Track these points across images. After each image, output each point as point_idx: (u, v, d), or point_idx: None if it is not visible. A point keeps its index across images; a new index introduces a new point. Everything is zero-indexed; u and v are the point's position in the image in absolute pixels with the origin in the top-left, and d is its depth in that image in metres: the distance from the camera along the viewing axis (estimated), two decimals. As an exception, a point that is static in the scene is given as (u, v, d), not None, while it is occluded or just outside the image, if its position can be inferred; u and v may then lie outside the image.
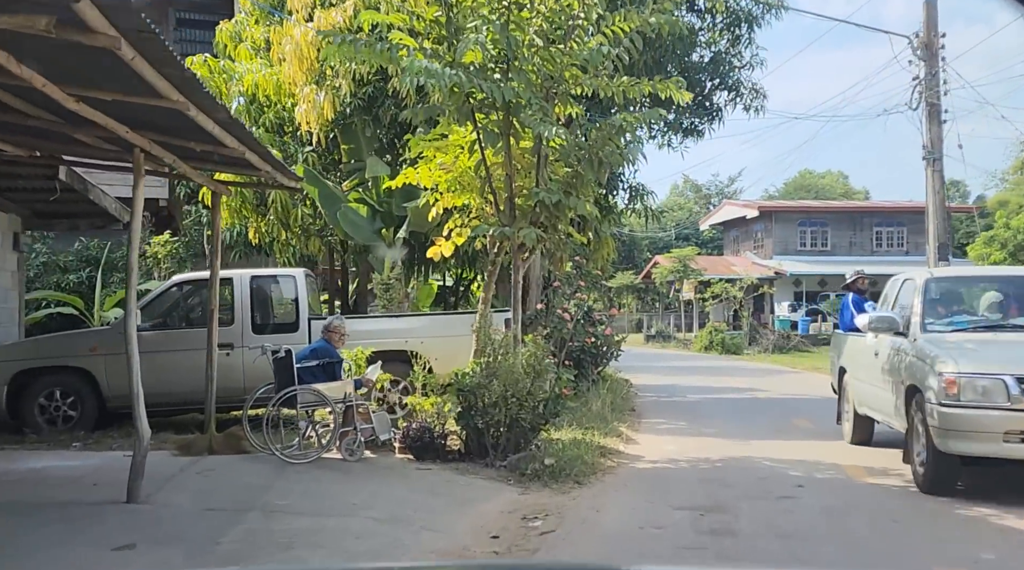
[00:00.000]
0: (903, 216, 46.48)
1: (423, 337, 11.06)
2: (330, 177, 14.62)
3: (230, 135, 6.57)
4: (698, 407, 15.66)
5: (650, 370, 24.64)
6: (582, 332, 14.21)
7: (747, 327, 38.00)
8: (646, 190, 17.11)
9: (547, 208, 8.81)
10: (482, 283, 15.97)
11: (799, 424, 12.86)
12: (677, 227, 64.08)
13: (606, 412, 12.79)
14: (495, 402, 8.72)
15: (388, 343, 10.83)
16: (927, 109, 20.04)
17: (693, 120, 17.66)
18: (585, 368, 14.21)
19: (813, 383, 20.51)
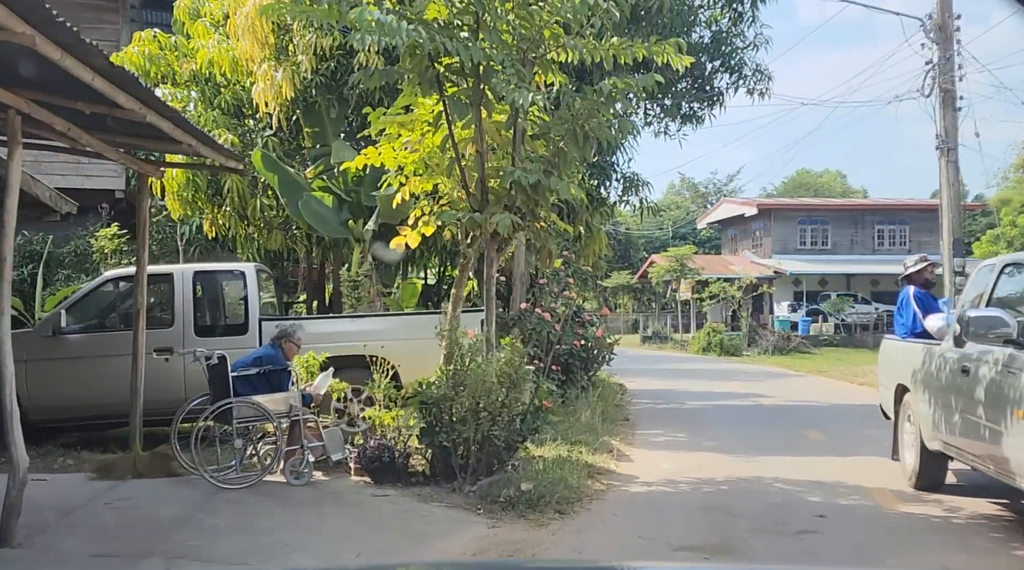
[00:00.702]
0: (906, 214, 45.38)
1: (386, 340, 9.78)
2: (294, 163, 13.32)
3: (122, 92, 5.30)
4: (698, 416, 14.39)
5: (646, 373, 23.37)
6: (570, 334, 12.93)
7: (746, 328, 36.76)
8: (641, 180, 15.84)
9: (524, 191, 7.53)
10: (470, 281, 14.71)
11: (811, 437, 11.60)
12: (674, 226, 62.88)
13: (596, 423, 11.54)
14: (463, 417, 7.45)
15: (344, 347, 9.54)
16: (941, 96, 18.80)
17: (692, 105, 16.39)
18: (574, 373, 12.94)
19: (820, 388, 19.27)
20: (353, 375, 9.28)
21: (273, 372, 7.97)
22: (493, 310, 8.34)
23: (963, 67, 18.77)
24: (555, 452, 9.19)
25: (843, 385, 19.99)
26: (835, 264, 42.57)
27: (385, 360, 9.40)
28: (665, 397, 17.17)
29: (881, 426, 12.48)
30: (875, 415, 14.34)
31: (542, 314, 10.91)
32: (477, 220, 7.66)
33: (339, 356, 9.31)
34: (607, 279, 54.01)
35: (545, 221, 8.29)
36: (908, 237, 44.64)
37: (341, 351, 9.42)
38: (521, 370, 7.67)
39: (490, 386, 7.54)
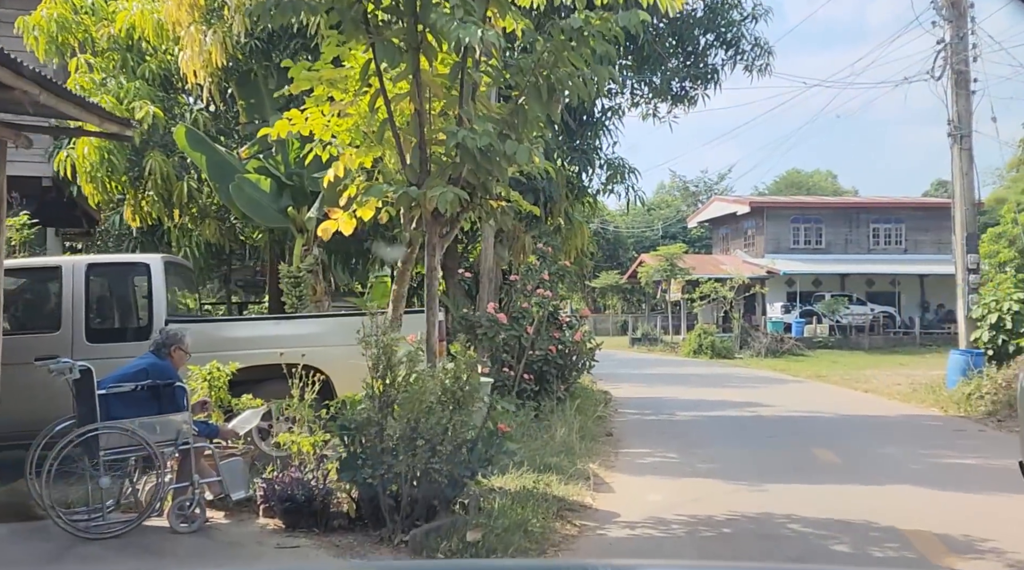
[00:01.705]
0: (901, 212, 44.05)
1: (314, 346, 8.13)
2: (231, 142, 11.67)
3: None
4: (690, 429, 12.78)
5: (634, 379, 21.78)
6: (546, 338, 11.32)
7: (738, 329, 35.24)
8: (628, 166, 14.24)
9: (472, 157, 5.90)
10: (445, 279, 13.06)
11: (822, 457, 10.00)
12: (664, 225, 61.39)
13: (573, 441, 9.94)
14: (395, 446, 5.82)
15: (264, 355, 7.89)
16: (953, 78, 17.26)
17: (683, 84, 14.81)
18: (549, 383, 11.33)
19: (821, 396, 17.72)
20: (276, 389, 7.62)
21: (159, 388, 6.31)
22: (435, 311, 6.70)
23: (977, 47, 17.25)
24: (519, 483, 7.57)
25: (846, 392, 18.42)
26: (829, 264, 41.13)
27: (317, 370, 7.81)
28: (654, 406, 15.56)
29: (899, 444, 10.95)
30: (887, 429, 12.87)
31: (495, 315, 9.22)
32: (412, 195, 6.02)
33: (257, 366, 7.68)
34: (595, 279, 52.60)
35: (502, 198, 6.65)
36: (904, 236, 43.35)
37: (259, 359, 7.78)
38: (468, 388, 6.02)
39: (429, 406, 5.91)
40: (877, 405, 15.72)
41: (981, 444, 10.97)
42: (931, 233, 43.68)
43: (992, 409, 13.57)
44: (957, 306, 17.55)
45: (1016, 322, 16.27)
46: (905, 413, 14.32)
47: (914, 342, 37.34)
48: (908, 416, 13.91)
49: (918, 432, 12.17)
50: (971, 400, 14.23)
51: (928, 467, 9.29)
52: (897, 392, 17.33)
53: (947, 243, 44.12)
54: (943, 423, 13.06)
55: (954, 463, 9.59)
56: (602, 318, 56.12)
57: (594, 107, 14.00)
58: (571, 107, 13.77)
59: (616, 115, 14.31)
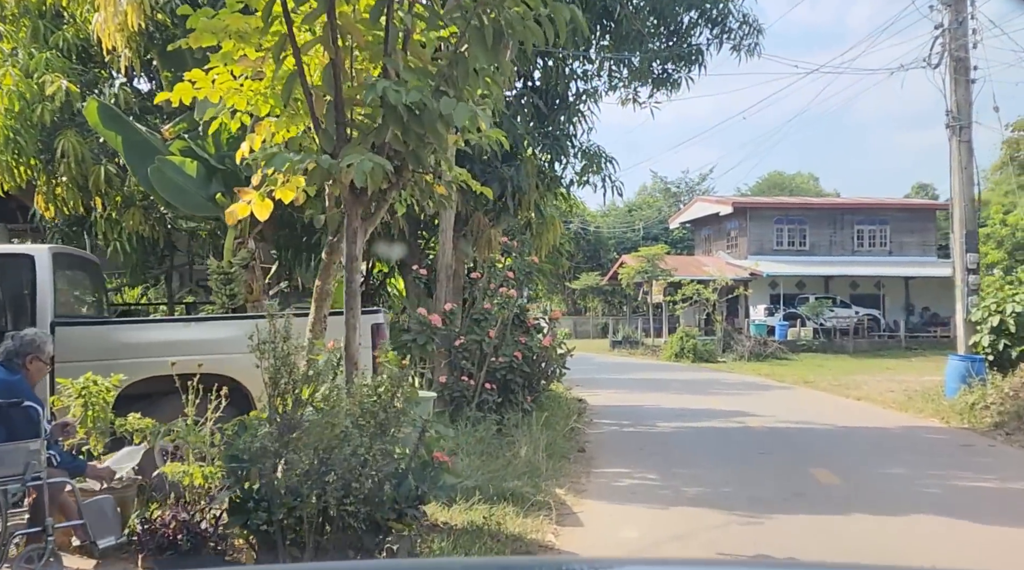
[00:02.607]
0: (886, 213, 43.32)
1: (234, 352, 6.85)
2: (157, 120, 10.38)
3: None
4: (672, 444, 11.58)
5: (613, 385, 20.62)
6: (511, 343, 10.09)
7: (721, 332, 34.23)
8: (604, 154, 13.04)
9: (398, 117, 4.67)
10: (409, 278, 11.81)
11: (822, 479, 8.81)
12: (645, 226, 60.35)
13: (539, 460, 8.72)
14: (297, 483, 4.57)
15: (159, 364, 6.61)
16: (952, 65, 16.19)
17: (665, 66, 13.63)
18: (514, 393, 10.10)
19: (811, 404, 16.58)
20: (175, 406, 6.34)
21: (3, 409, 5.02)
22: (357, 311, 5.43)
23: (977, 32, 16.19)
24: (467, 517, 6.35)
25: (837, 400, 17.30)
26: (813, 265, 40.20)
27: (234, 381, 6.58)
28: (633, 416, 14.36)
29: (904, 462, 9.80)
30: (888, 444, 11.61)
31: (427, 316, 7.90)
32: (323, 165, 4.77)
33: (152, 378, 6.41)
34: (575, 280, 51.43)
35: (438, 171, 5.41)
36: (888, 238, 42.61)
37: (155, 370, 6.50)
38: (393, 409, 4.78)
39: (344, 432, 4.67)
40: (872, 415, 14.59)
41: (995, 462, 9.84)
42: (916, 235, 42.94)
43: (999, 421, 12.46)
44: (956, 309, 16.46)
45: (1019, 326, 15.20)
46: (904, 424, 13.18)
47: (899, 345, 36.56)
48: (908, 428, 12.77)
49: (922, 447, 11.03)
50: (975, 411, 13.11)
51: (944, 491, 8.14)
52: (892, 400, 16.22)
53: (932, 245, 43.85)
54: (948, 436, 11.93)
55: (971, 486, 8.45)
56: (582, 320, 54.99)
57: (567, 89, 12.82)
58: (541, 89, 12.60)
59: (592, 99, 13.12)
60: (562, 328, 49.72)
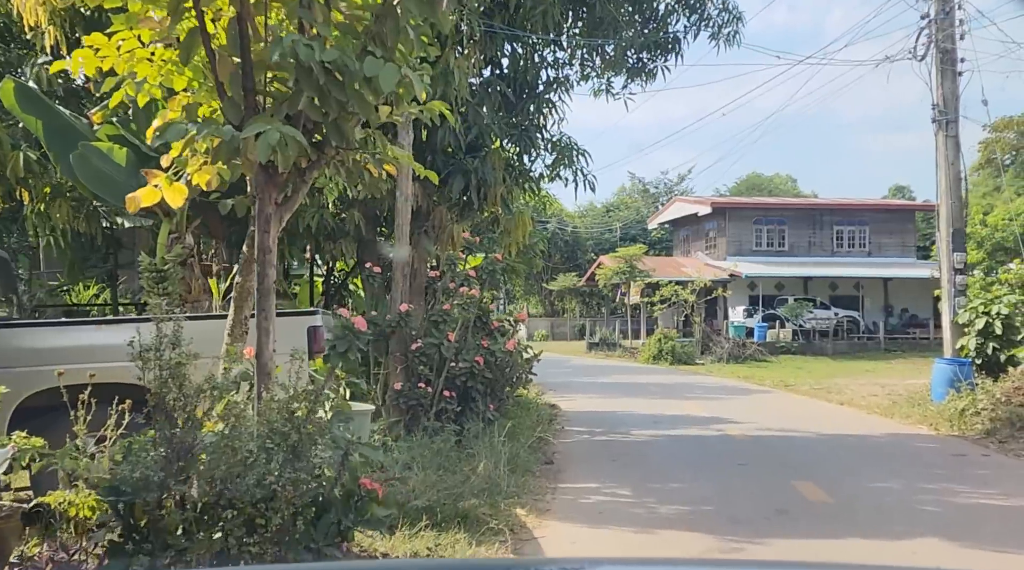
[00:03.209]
0: (865, 214, 42.99)
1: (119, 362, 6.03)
2: (86, 104, 9.53)
3: None
4: (647, 454, 10.84)
5: (588, 389, 19.88)
6: (472, 347, 9.31)
7: (699, 334, 33.65)
8: (576, 146, 12.29)
9: (314, 81, 3.90)
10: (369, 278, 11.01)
11: (808, 494, 8.09)
12: (623, 227, 59.77)
13: (500, 476, 7.95)
14: (188, 519, 3.78)
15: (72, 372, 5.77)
16: (939, 57, 15.59)
17: (640, 55, 12.91)
18: (475, 401, 9.31)
19: (793, 409, 15.93)
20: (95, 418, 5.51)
21: None
22: (271, 312, 4.63)
23: (964, 23, 15.60)
24: (411, 546, 5.57)
25: (819, 404, 16.66)
26: (792, 266, 39.72)
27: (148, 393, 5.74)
28: (607, 423, 13.63)
29: (895, 474, 9.11)
30: (876, 454, 10.72)
31: (350, 318, 7.01)
32: (225, 137, 3.98)
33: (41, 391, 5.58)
34: (553, 281, 50.69)
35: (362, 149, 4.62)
36: (868, 238, 42.30)
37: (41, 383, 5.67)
38: (308, 430, 4.00)
39: (249, 457, 3.88)
40: (857, 421, 13.94)
41: (992, 474, 9.17)
42: (895, 236, 42.61)
43: (990, 428, 11.83)
44: (942, 310, 15.85)
45: (1007, 328, 14.62)
46: (891, 432, 12.52)
47: (878, 347, 36.20)
48: (896, 436, 12.11)
49: (913, 457, 10.36)
50: (965, 417, 12.48)
51: (942, 509, 7.44)
52: (876, 405, 15.60)
53: (911, 246, 43.52)
54: (938, 445, 11.27)
55: (971, 503, 7.76)
56: (560, 322, 54.28)
57: (537, 78, 12.06)
58: (509, 77, 11.84)
59: (563, 88, 12.36)
60: (539, 330, 49.11)
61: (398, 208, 9.75)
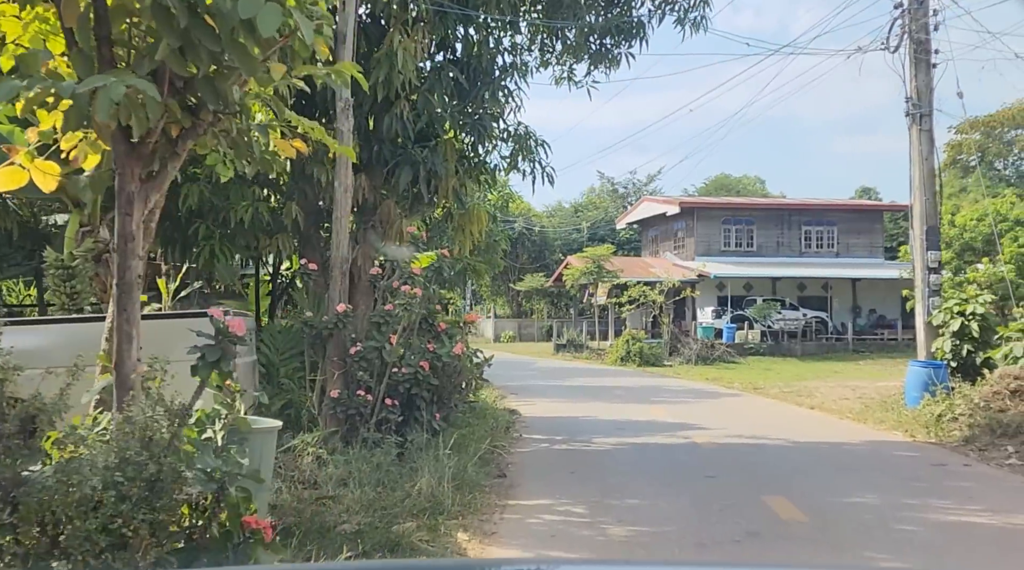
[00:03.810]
0: (834, 214, 42.79)
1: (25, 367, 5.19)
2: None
3: None
4: (609, 464, 10.12)
5: (551, 392, 19.15)
6: (417, 351, 8.53)
7: (667, 335, 33.08)
8: (535, 137, 11.55)
9: (173, 24, 3.11)
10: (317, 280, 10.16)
11: (780, 512, 7.40)
12: (591, 227, 59.21)
13: (444, 494, 7.19)
14: None
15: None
16: (912, 48, 15.06)
17: (604, 41, 12.21)
18: (420, 410, 8.52)
19: (763, 413, 15.31)
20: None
21: None
22: (135, 313, 3.84)
23: (939, 13, 15.07)
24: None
25: (790, 409, 16.06)
26: (761, 266, 39.36)
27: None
28: (569, 430, 12.89)
29: (874, 487, 8.43)
30: (852, 464, 9.86)
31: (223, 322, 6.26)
32: (64, 94, 3.18)
33: None
34: (520, 282, 49.95)
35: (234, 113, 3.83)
36: (836, 239, 42.10)
37: None
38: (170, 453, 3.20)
39: (92, 496, 3.08)
40: (829, 427, 13.33)
41: (976, 487, 8.55)
42: (863, 236, 42.43)
43: (969, 435, 11.25)
44: (916, 311, 15.30)
45: (983, 330, 14.10)
46: (866, 439, 11.91)
47: (846, 348, 35.95)
48: (871, 443, 11.50)
49: (890, 467, 9.73)
50: (942, 423, 11.91)
51: (927, 529, 6.78)
52: (848, 409, 15.02)
53: (879, 246, 43.30)
54: (917, 454, 10.66)
55: (958, 522, 7.10)
56: (527, 323, 53.57)
57: (493, 63, 11.31)
58: (462, 62, 11.08)
59: (521, 75, 11.61)
60: (506, 331, 48.37)
61: (336, 199, 8.95)
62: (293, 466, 7.91)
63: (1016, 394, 11.60)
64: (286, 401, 9.64)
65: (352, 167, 10.53)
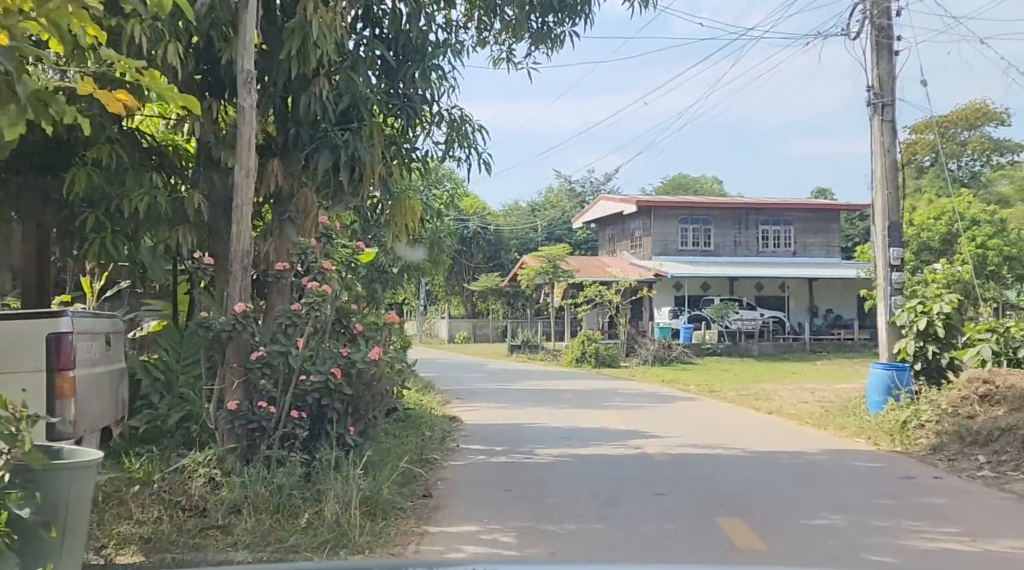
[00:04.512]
0: (791, 213, 42.51)
1: None
2: None
3: None
4: (549, 480, 9.17)
5: (499, 397, 18.21)
6: (329, 356, 7.49)
7: (624, 336, 32.36)
8: (471, 122, 10.56)
9: None
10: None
11: (735, 536, 6.50)
12: (550, 227, 58.41)
13: (350, 522, 6.21)
14: None
15: None
16: (874, 34, 14.36)
17: (546, 18, 11.26)
18: (332, 423, 7.46)
19: (718, 418, 14.51)
20: None
21: None
22: None
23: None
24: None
25: (746, 414, 15.29)
26: (718, 266, 38.87)
27: None
28: (511, 439, 11.94)
29: (838, 506, 7.52)
30: (813, 478, 9.06)
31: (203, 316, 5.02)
32: None
33: None
34: (475, 282, 48.90)
35: None
36: (793, 238, 41.83)
37: None
38: None
39: None
40: (788, 434, 12.54)
41: (951, 504, 7.74)
42: (820, 235, 42.17)
43: (936, 443, 10.50)
44: (878, 310, 14.60)
45: (948, 330, 13.40)
46: (828, 447, 11.12)
47: (804, 348, 35.62)
48: (833, 453, 10.70)
49: (856, 482, 8.91)
50: (908, 430, 11.16)
51: (904, 557, 5.93)
52: (808, 414, 14.25)
53: (836, 246, 43.03)
54: (883, 465, 9.86)
55: (938, 548, 6.25)
56: (482, 324, 52.61)
57: (424, 40, 10.29)
58: (389, 38, 10.05)
59: (455, 53, 10.62)
60: (460, 332, 47.41)
61: (237, 184, 7.88)
62: (180, 490, 6.87)
63: (985, 399, 10.88)
64: (185, 413, 8.57)
65: (264, 151, 9.50)
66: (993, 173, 55.32)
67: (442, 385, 20.20)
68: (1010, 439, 9.75)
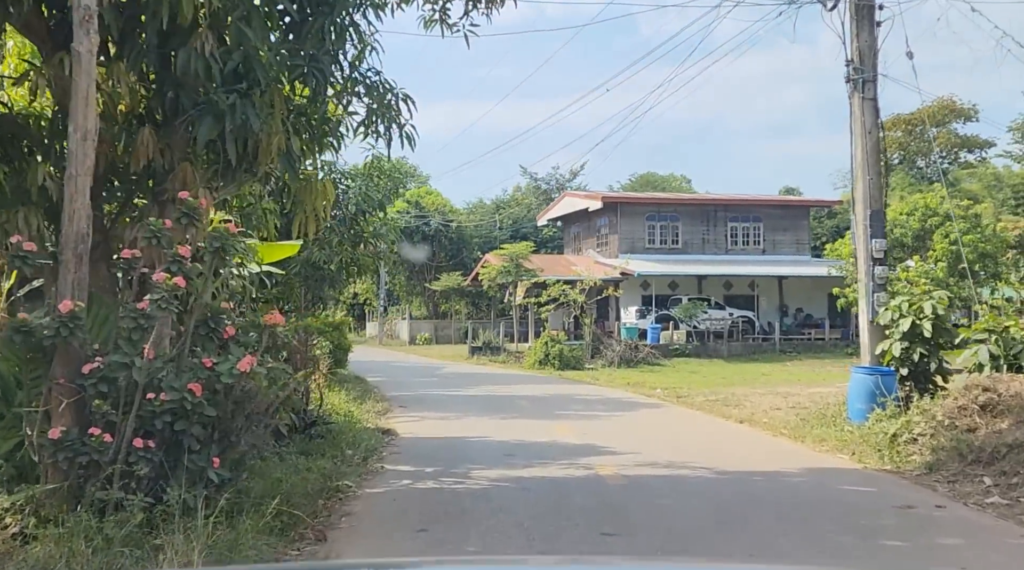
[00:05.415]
0: (760, 210, 41.42)
1: None
2: None
3: None
4: (479, 514, 7.59)
5: (446, 405, 16.61)
6: (187, 368, 5.88)
7: (589, 336, 30.93)
8: (395, 90, 8.99)
9: None
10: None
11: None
12: (514, 225, 56.92)
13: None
14: None
15: None
16: (853, 4, 12.97)
17: (484, -28, 9.72)
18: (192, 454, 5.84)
19: (685, 430, 13.03)
20: None
21: None
22: None
23: (883, -37, 12.99)
24: None
25: (716, 424, 13.83)
26: (686, 264, 37.60)
27: None
28: (447, 457, 10.37)
29: (832, 551, 6.06)
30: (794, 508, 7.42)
31: None
32: None
33: None
34: (436, 281, 47.25)
35: None
36: (762, 236, 40.74)
37: None
38: None
39: None
40: (762, 449, 11.09)
41: (966, 546, 6.29)
42: (789, 233, 41.10)
43: (932, 460, 9.08)
44: (860, 308, 13.21)
45: (937, 329, 12.01)
46: (807, 466, 9.65)
47: (774, 348, 34.52)
48: (815, 473, 9.23)
49: (846, 514, 7.40)
50: (897, 445, 9.74)
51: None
52: (782, 423, 12.82)
53: (805, 243, 41.89)
54: (874, 489, 8.40)
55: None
56: (444, 324, 50.95)
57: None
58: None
59: (376, 8, 9.04)
60: (422, 333, 45.62)
61: (71, 151, 6.20)
62: (-22, 545, 5.23)
63: (987, 409, 9.48)
64: (20, 440, 6.89)
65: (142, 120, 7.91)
66: (960, 170, 54.66)
67: (388, 391, 18.63)
68: (1019, 457, 8.35)
